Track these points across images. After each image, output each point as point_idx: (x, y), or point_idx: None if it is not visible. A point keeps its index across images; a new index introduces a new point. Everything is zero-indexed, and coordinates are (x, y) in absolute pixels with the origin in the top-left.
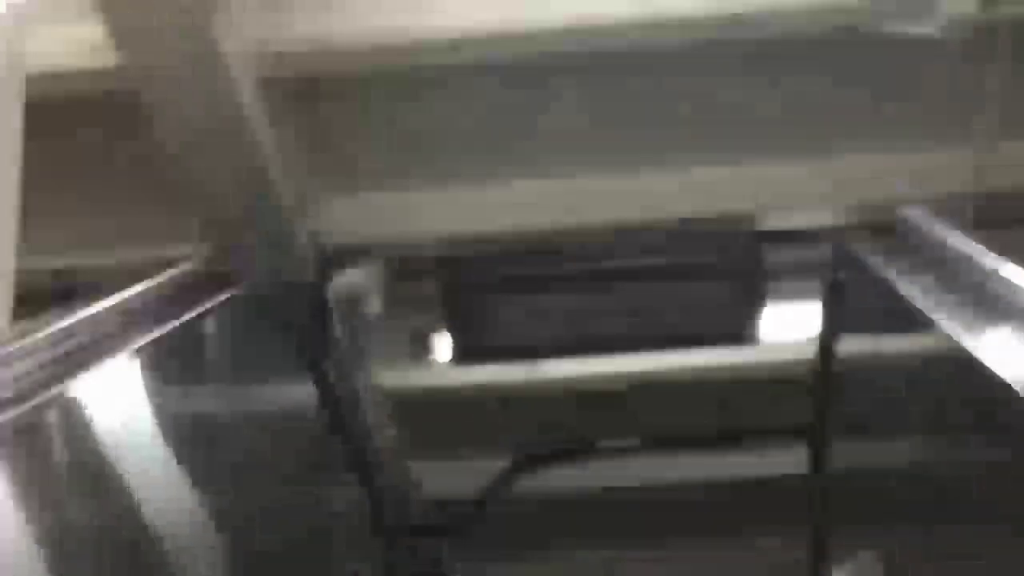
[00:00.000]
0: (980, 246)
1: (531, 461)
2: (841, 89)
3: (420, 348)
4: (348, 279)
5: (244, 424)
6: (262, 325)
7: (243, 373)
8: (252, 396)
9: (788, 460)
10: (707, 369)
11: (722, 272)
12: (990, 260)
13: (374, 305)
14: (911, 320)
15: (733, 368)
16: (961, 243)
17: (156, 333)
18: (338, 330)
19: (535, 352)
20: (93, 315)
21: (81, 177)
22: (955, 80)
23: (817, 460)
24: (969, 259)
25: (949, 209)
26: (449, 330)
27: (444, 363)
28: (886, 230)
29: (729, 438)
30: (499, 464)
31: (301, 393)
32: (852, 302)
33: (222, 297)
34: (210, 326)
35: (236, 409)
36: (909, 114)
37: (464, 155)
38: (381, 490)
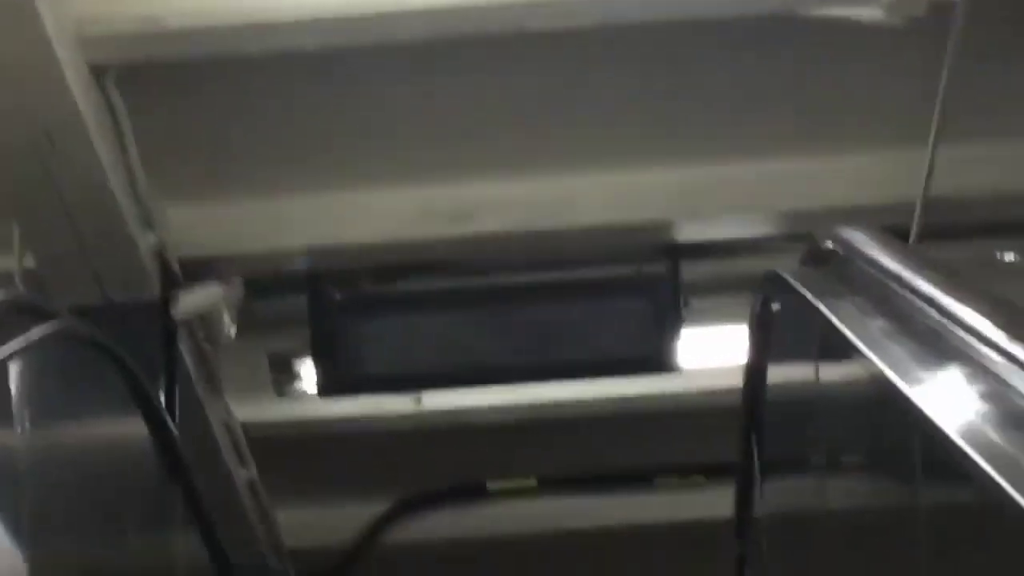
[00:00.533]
0: (919, 272)
1: (411, 505)
2: (775, 84)
3: (284, 376)
4: (197, 298)
5: (65, 474)
6: (93, 351)
7: (67, 413)
8: (76, 439)
9: (709, 501)
10: (616, 400)
11: (635, 290)
12: (929, 288)
13: (228, 327)
14: (844, 352)
15: (646, 399)
16: (900, 267)
17: None
18: (185, 357)
19: (417, 381)
20: None
21: None
22: (901, 75)
23: (742, 500)
24: (907, 286)
25: (892, 219)
26: (317, 356)
27: (312, 394)
28: (821, 251)
29: (640, 477)
30: (375, 508)
31: (140, 431)
32: (782, 330)
33: (46, 324)
34: (29, 360)
35: (55, 456)
36: (850, 111)
37: (333, 155)
38: (233, 542)
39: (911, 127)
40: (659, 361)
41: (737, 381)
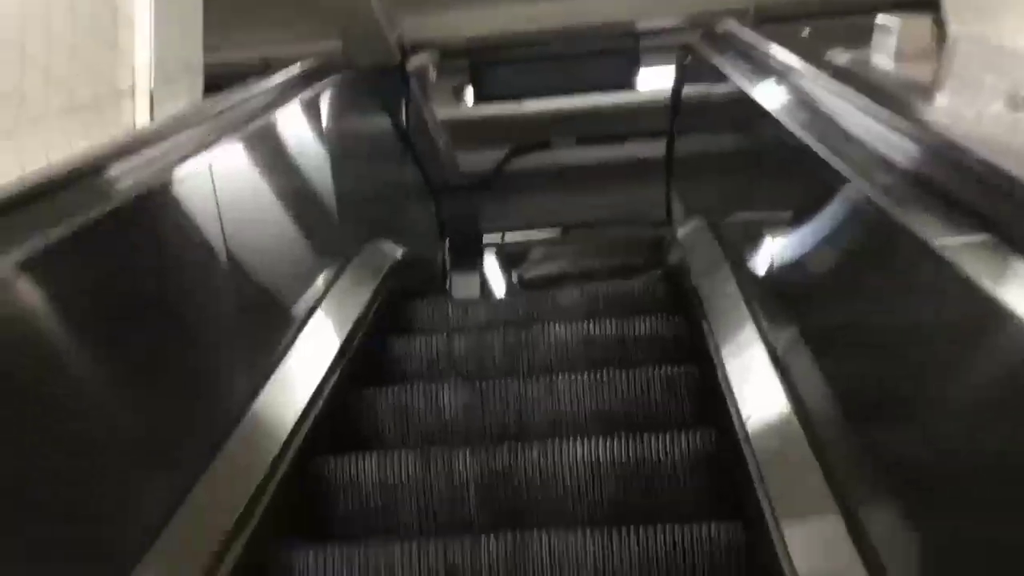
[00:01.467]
0: (760, 37)
1: (518, 151)
2: None
3: (459, 94)
4: (418, 61)
5: (368, 146)
6: (371, 88)
7: (363, 116)
8: (369, 127)
9: (656, 149)
10: (607, 106)
11: (616, 53)
12: (765, 44)
13: (432, 75)
14: (722, 80)
15: (627, 103)
16: (750, 37)
17: (303, 95)
18: (414, 88)
19: (519, 96)
20: (266, 82)
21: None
22: None
23: (669, 149)
24: (754, 47)
25: (743, 17)
26: (474, 85)
27: (470, 104)
28: (713, 31)
29: (621, 136)
30: (501, 153)
31: (391, 125)
32: (692, 72)
33: (348, 73)
34: (339, 90)
35: (362, 136)
36: None
37: None
38: (436, 172)
39: None
40: (629, 84)
41: (669, 96)
